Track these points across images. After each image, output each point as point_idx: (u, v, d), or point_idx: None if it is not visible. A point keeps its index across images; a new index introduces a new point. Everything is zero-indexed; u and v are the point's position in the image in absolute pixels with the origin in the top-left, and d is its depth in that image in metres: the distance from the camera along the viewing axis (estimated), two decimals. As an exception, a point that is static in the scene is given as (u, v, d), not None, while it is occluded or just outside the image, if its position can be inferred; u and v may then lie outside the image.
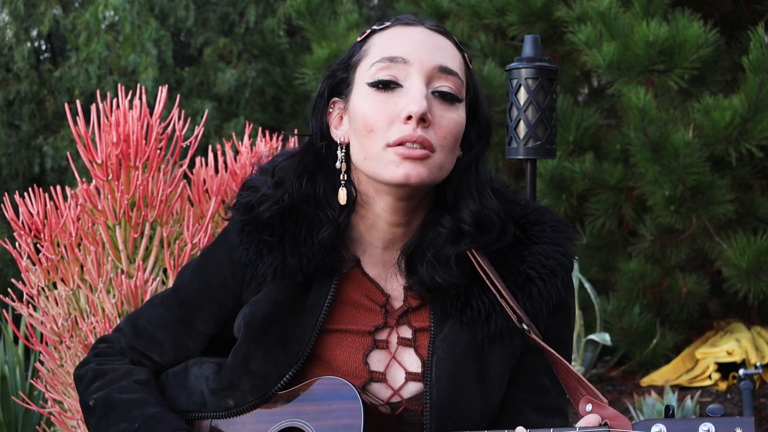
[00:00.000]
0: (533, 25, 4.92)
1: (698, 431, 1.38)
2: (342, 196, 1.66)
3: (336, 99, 1.70)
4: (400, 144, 1.57)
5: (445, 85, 1.62)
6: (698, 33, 4.29)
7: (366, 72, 1.63)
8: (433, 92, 1.61)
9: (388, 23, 1.68)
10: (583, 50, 4.60)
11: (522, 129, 2.55)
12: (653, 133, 4.33)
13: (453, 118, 1.62)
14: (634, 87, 4.38)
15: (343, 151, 1.68)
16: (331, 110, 1.71)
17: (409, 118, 1.57)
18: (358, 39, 1.70)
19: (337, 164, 1.68)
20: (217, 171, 2.83)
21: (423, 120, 1.57)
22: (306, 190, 1.69)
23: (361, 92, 1.63)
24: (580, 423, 1.48)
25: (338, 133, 1.69)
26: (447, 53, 1.65)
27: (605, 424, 1.45)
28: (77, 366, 1.87)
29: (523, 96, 2.55)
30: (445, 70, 1.62)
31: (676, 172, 4.30)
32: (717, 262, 4.65)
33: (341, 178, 1.67)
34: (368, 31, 1.70)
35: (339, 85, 1.69)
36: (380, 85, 1.60)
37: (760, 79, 4.13)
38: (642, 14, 4.40)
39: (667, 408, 1.47)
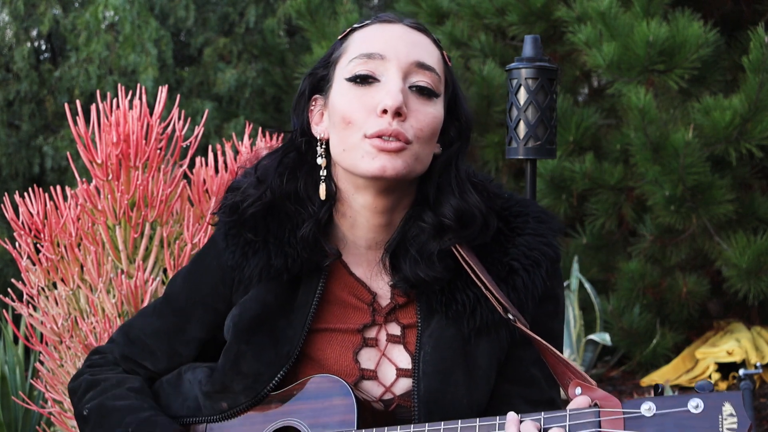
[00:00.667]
0: (533, 25, 4.92)
1: (687, 406, 1.39)
2: (322, 191, 1.68)
3: (317, 96, 1.72)
4: (377, 137, 1.59)
5: (421, 80, 1.64)
6: (698, 33, 4.29)
7: (345, 68, 1.65)
8: (410, 87, 1.63)
9: (367, 21, 1.71)
10: (583, 50, 4.60)
11: (522, 129, 2.55)
12: (653, 133, 4.33)
13: (430, 112, 1.64)
14: (634, 87, 4.38)
15: (323, 146, 1.70)
16: (312, 107, 1.73)
17: (385, 111, 1.59)
18: (339, 38, 1.72)
19: (318, 160, 1.69)
20: (217, 171, 2.83)
21: (399, 114, 1.59)
22: (287, 187, 1.71)
23: (339, 87, 1.66)
24: (571, 405, 1.48)
25: (318, 129, 1.71)
26: (424, 49, 1.67)
27: (595, 405, 1.46)
28: (71, 379, 1.88)
29: (523, 96, 2.55)
30: (421, 66, 1.64)
31: (676, 172, 4.30)
32: (717, 262, 4.65)
33: (321, 173, 1.69)
34: (348, 29, 1.72)
35: (320, 83, 1.71)
36: (358, 80, 1.63)
37: (760, 79, 4.13)
38: (642, 14, 4.40)
39: (656, 387, 1.49)
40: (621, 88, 4.50)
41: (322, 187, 1.68)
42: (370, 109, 1.61)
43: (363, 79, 1.63)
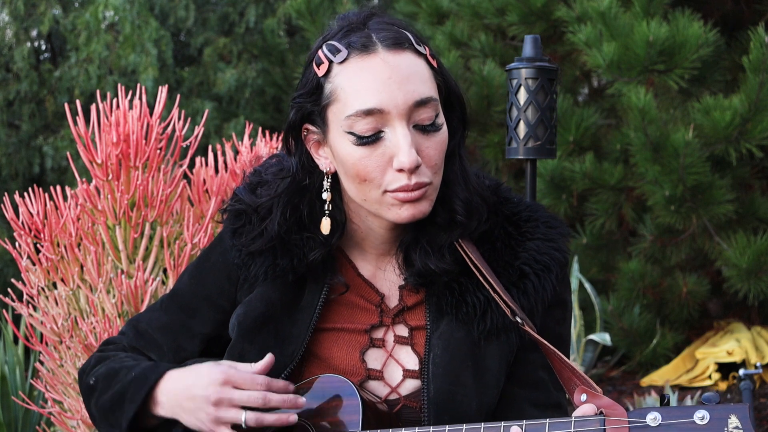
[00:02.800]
0: (533, 25, 4.92)
1: (693, 418, 1.38)
2: (325, 225, 1.67)
3: (308, 126, 1.67)
4: (399, 191, 1.59)
5: (424, 117, 1.60)
6: (698, 33, 4.29)
7: (342, 121, 1.60)
8: (414, 126, 1.60)
9: (342, 51, 1.61)
10: (583, 50, 4.60)
11: (522, 129, 2.55)
12: (653, 133, 4.33)
13: (438, 141, 1.62)
14: (634, 87, 4.38)
15: (329, 180, 1.68)
16: (305, 134, 1.69)
17: (402, 170, 1.58)
18: (319, 74, 1.62)
19: (324, 195, 1.68)
20: (217, 171, 2.83)
21: (416, 166, 1.58)
22: (290, 220, 1.69)
23: (342, 140, 1.61)
24: (576, 413, 1.48)
25: (323, 163, 1.68)
26: (416, 78, 1.60)
27: (601, 413, 1.46)
28: (81, 366, 1.88)
29: (523, 96, 2.55)
30: (420, 103, 1.59)
31: (676, 172, 4.30)
32: (717, 262, 4.65)
33: (326, 207, 1.68)
34: (326, 63, 1.62)
35: (310, 115, 1.66)
36: (364, 141, 1.59)
37: (760, 79, 4.13)
38: (642, 14, 4.40)
39: (662, 397, 1.48)
40: (621, 88, 4.50)
41: (326, 222, 1.67)
42: (383, 164, 1.59)
43: (369, 139, 1.59)
